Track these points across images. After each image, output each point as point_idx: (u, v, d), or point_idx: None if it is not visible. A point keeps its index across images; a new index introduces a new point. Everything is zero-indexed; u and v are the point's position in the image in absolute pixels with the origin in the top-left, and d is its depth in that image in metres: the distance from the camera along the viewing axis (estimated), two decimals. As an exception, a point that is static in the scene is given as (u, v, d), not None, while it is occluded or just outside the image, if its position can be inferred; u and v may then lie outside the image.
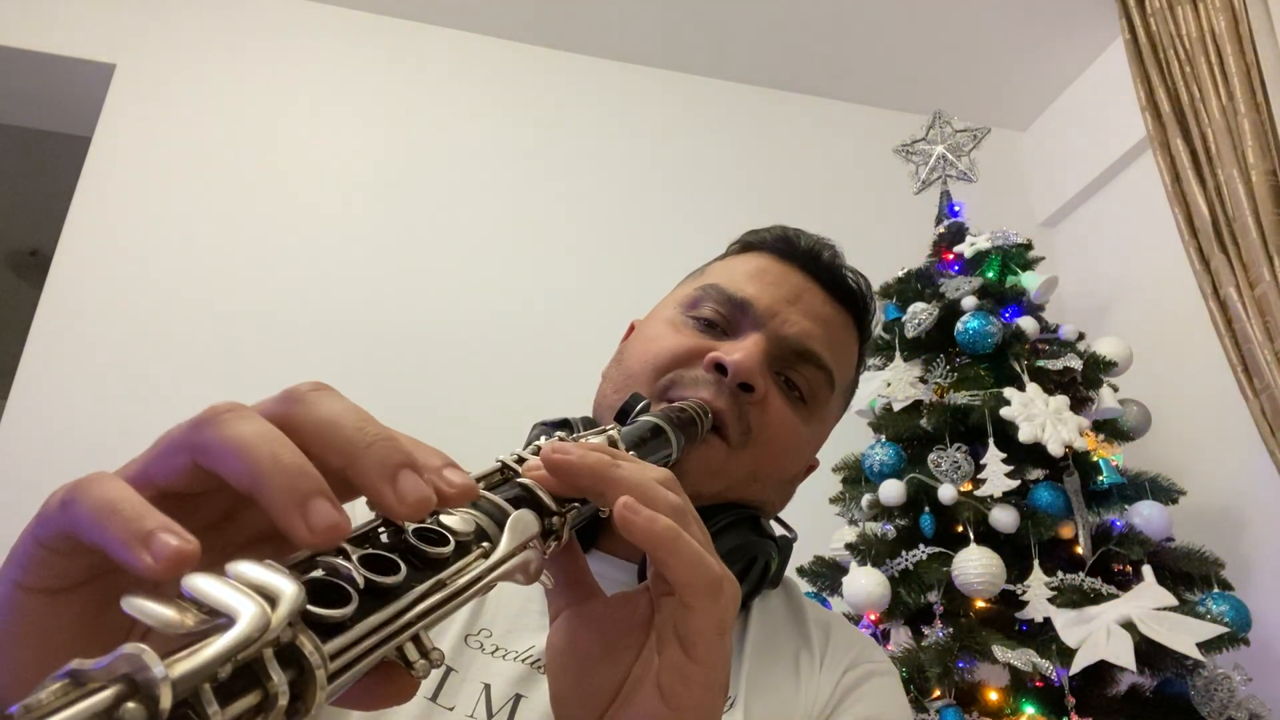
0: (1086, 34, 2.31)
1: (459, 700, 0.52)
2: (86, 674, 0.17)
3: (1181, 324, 1.98)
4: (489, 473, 0.34)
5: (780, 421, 0.61)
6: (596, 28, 2.37)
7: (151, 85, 2.10)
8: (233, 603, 0.20)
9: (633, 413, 0.50)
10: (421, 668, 0.24)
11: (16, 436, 1.75)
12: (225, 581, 0.20)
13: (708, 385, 0.58)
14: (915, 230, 2.01)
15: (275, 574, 0.21)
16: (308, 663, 0.20)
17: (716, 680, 0.32)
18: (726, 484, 0.59)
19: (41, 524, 0.24)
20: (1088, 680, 1.34)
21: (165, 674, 0.17)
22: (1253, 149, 1.70)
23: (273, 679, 0.19)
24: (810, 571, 1.65)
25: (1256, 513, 1.79)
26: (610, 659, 0.35)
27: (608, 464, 0.33)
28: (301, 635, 0.21)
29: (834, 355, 0.64)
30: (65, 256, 1.92)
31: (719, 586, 0.32)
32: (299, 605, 0.20)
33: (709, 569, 0.32)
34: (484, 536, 0.29)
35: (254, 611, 0.19)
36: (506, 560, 0.29)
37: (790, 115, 2.56)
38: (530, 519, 0.31)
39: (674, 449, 0.48)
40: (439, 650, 0.25)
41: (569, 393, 1.49)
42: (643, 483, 0.32)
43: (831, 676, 0.58)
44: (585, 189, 2.32)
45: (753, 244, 0.70)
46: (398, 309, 2.07)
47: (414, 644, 0.25)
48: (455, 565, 0.27)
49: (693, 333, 0.63)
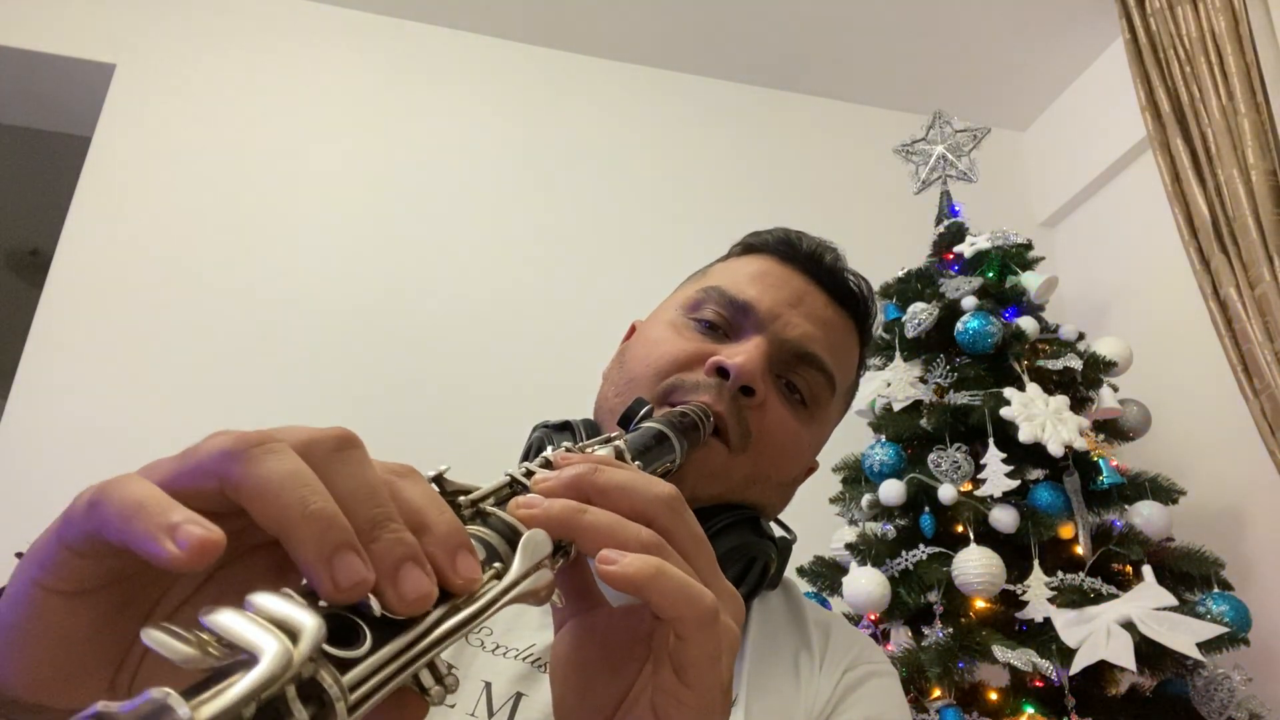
0: (1086, 34, 2.31)
1: (460, 698, 0.52)
2: (113, 716, 0.17)
3: (1181, 324, 1.98)
4: (498, 487, 0.34)
5: (780, 425, 0.61)
6: (596, 28, 2.37)
7: (151, 85, 2.10)
8: (255, 639, 0.20)
9: (635, 418, 0.50)
10: (437, 694, 0.25)
11: (16, 436, 1.75)
12: (246, 615, 0.20)
13: (709, 389, 0.58)
14: (915, 230, 2.01)
15: (294, 607, 0.21)
16: (328, 697, 0.20)
17: (711, 704, 0.32)
18: (726, 486, 0.59)
19: (67, 525, 0.24)
20: (1088, 680, 1.34)
21: (192, 717, 0.17)
22: (1253, 149, 1.70)
23: (294, 716, 0.19)
24: (810, 571, 1.65)
25: (1256, 513, 1.79)
26: (614, 671, 0.35)
27: (573, 511, 0.32)
28: (322, 670, 0.21)
29: (835, 358, 0.64)
30: (65, 256, 1.92)
31: (712, 616, 0.31)
32: (320, 640, 0.21)
33: (698, 601, 0.31)
34: (496, 556, 0.29)
35: (276, 649, 0.19)
36: (520, 582, 0.29)
37: (790, 115, 2.55)
38: (542, 538, 0.30)
39: (678, 454, 0.48)
40: (454, 676, 0.25)
41: (570, 392, 1.50)
42: (611, 526, 0.32)
43: (831, 677, 0.59)
44: (584, 189, 2.32)
45: (755, 246, 0.70)
46: (398, 307, 2.07)
47: (429, 670, 0.25)
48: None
49: (694, 335, 0.63)
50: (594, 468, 0.34)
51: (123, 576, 0.25)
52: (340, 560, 0.23)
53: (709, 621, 0.31)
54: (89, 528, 0.23)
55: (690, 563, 0.33)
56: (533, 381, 2.04)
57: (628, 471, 0.35)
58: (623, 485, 0.34)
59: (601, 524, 0.32)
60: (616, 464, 0.36)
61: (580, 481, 0.33)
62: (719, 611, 0.31)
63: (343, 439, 0.26)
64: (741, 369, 0.58)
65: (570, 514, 0.32)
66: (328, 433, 0.26)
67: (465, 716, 0.51)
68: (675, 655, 0.31)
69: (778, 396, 0.62)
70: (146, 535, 0.22)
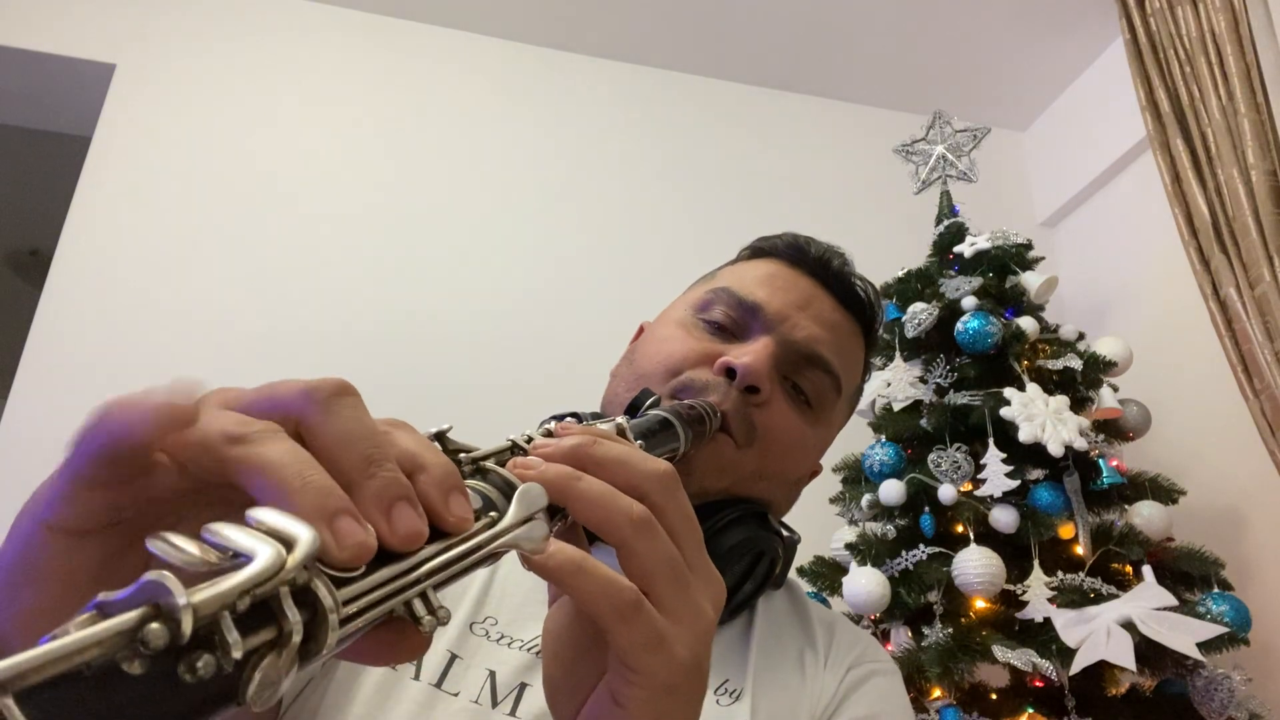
0: (1086, 34, 2.31)
1: (464, 686, 0.52)
2: (113, 604, 0.18)
3: (1181, 324, 1.98)
4: (498, 449, 0.35)
5: (784, 422, 0.62)
6: (597, 28, 2.37)
7: (151, 85, 2.10)
8: (250, 544, 0.21)
9: (642, 407, 0.51)
10: (429, 624, 0.25)
11: (16, 436, 1.75)
12: (244, 528, 0.22)
13: (717, 388, 0.59)
14: (915, 230, 2.01)
15: (293, 521, 0.22)
16: (321, 605, 0.22)
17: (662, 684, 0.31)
18: (733, 479, 0.60)
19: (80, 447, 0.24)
20: (1088, 680, 1.34)
21: (187, 600, 0.18)
22: (1253, 149, 1.70)
23: (288, 617, 0.20)
24: (810, 571, 1.65)
25: (1256, 513, 1.79)
26: (599, 648, 0.35)
27: (569, 476, 0.32)
28: (316, 579, 0.22)
29: (841, 361, 0.65)
30: (65, 256, 1.92)
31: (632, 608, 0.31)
32: (314, 549, 0.22)
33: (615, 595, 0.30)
34: (492, 506, 0.30)
35: (270, 552, 0.20)
36: (514, 529, 0.29)
37: (790, 115, 2.55)
38: (538, 491, 0.31)
39: (681, 444, 0.48)
40: (445, 609, 0.26)
41: (571, 392, 1.50)
42: (603, 495, 0.32)
43: (835, 675, 0.59)
44: (584, 188, 2.32)
45: (764, 250, 0.71)
46: (398, 306, 2.07)
47: (422, 601, 0.26)
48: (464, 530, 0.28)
49: (703, 335, 0.64)
50: (593, 440, 0.35)
51: (125, 517, 0.26)
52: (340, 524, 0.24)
53: (630, 614, 0.31)
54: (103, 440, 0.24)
55: (677, 541, 0.33)
56: (535, 381, 2.04)
57: (626, 446, 0.36)
58: (619, 459, 0.34)
59: (594, 492, 0.32)
60: (616, 439, 0.37)
61: (579, 451, 0.34)
62: (640, 602, 0.31)
63: (341, 386, 0.27)
64: (748, 368, 0.59)
65: (565, 479, 0.32)
66: (327, 380, 0.28)
67: (469, 704, 0.51)
68: (611, 643, 0.31)
69: (783, 396, 0.62)
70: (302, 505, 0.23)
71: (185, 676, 0.18)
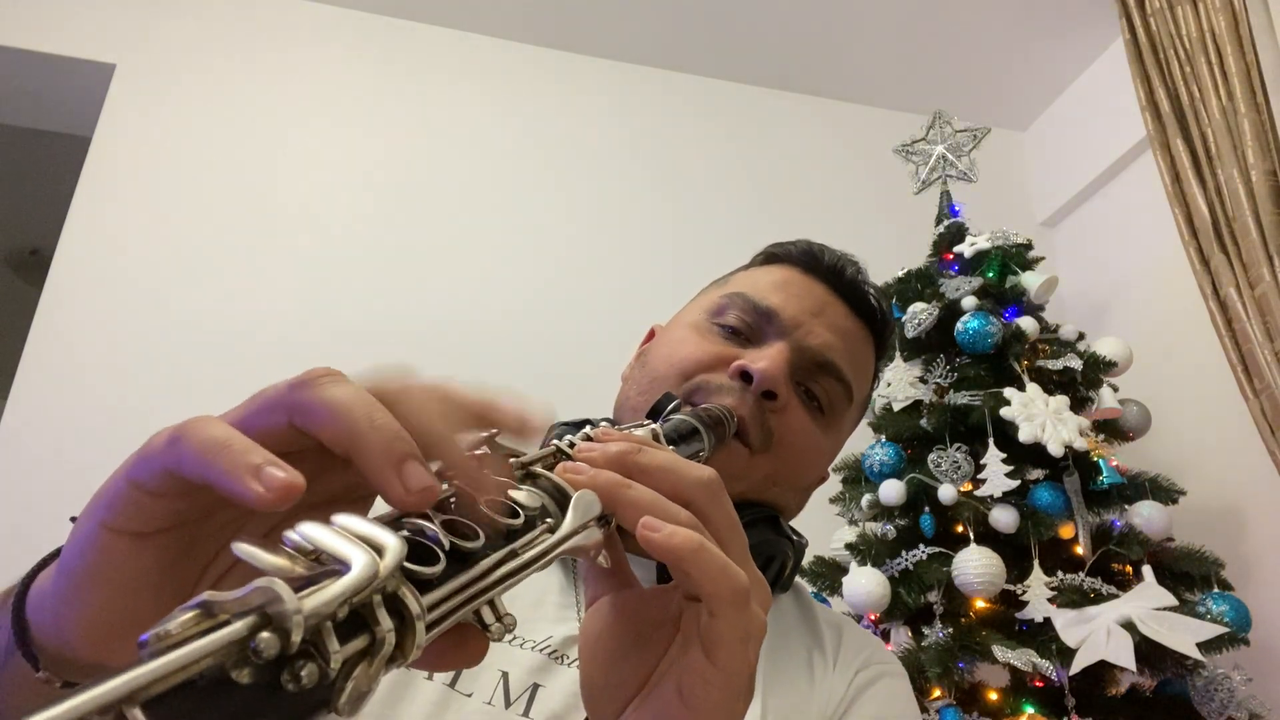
0: (1086, 34, 2.31)
1: (477, 687, 0.52)
2: (218, 604, 0.18)
3: (1181, 324, 1.98)
4: (544, 456, 0.35)
5: (800, 429, 0.63)
6: (596, 28, 2.37)
7: (151, 85, 2.10)
8: (345, 550, 0.21)
9: (665, 411, 0.51)
10: (497, 630, 0.26)
11: (16, 436, 1.75)
12: (333, 530, 0.21)
13: (732, 392, 0.60)
14: (915, 230, 2.01)
15: (378, 527, 0.22)
16: (409, 613, 0.21)
17: (738, 686, 0.32)
18: (746, 486, 0.61)
19: (142, 461, 0.25)
20: (1088, 680, 1.34)
21: (299, 607, 0.18)
22: (1253, 149, 1.70)
23: (380, 624, 0.20)
24: (810, 571, 1.64)
25: (1256, 513, 1.79)
26: (640, 651, 0.35)
27: (618, 484, 0.32)
28: (404, 587, 0.21)
29: (853, 369, 0.66)
30: (65, 256, 1.92)
31: (745, 597, 0.32)
32: (403, 556, 0.22)
33: (733, 579, 0.31)
34: (546, 514, 0.31)
35: (365, 560, 0.20)
36: (573, 536, 0.30)
37: (790, 115, 2.55)
38: (592, 498, 0.32)
39: (706, 449, 0.49)
40: (511, 615, 0.26)
41: (572, 393, 1.50)
42: (652, 503, 0.32)
43: (844, 676, 0.60)
44: (584, 188, 2.32)
45: (778, 256, 0.71)
46: (400, 307, 2.07)
47: (490, 607, 0.26)
48: (526, 537, 0.28)
49: (718, 339, 0.64)
50: (638, 447, 0.35)
51: (186, 521, 0.26)
52: (408, 467, 0.24)
53: (742, 602, 0.31)
54: (168, 463, 0.24)
55: (724, 548, 0.33)
56: (536, 381, 2.04)
57: (669, 453, 0.36)
58: (665, 466, 0.34)
59: (643, 500, 0.32)
60: (657, 446, 0.37)
61: (624, 458, 0.34)
62: (751, 594, 0.32)
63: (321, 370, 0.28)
64: (765, 373, 0.59)
65: (615, 486, 0.32)
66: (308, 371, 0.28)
67: (482, 705, 0.51)
68: (706, 634, 0.31)
69: (798, 402, 0.63)
70: (229, 474, 0.22)
71: (288, 685, 0.18)
